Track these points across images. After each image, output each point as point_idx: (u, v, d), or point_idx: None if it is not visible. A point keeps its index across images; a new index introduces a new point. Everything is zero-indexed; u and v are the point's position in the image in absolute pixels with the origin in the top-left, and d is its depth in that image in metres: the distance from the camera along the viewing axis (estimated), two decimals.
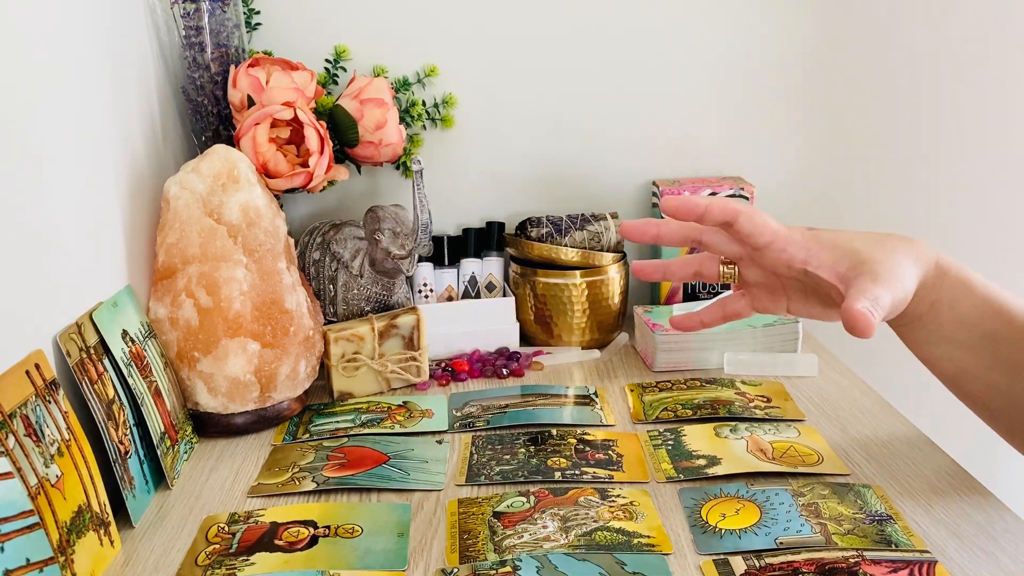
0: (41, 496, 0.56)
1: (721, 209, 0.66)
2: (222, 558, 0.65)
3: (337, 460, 0.79)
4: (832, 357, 1.02)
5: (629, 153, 1.16)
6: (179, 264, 0.82)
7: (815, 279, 0.67)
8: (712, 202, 0.67)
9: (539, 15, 1.11)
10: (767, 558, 0.62)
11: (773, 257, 0.68)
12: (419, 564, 0.64)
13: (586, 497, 0.72)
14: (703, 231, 0.71)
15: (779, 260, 0.68)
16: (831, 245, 0.66)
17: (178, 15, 0.96)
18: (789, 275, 0.69)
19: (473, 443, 0.83)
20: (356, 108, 0.99)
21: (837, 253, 0.66)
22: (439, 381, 0.98)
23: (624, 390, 0.94)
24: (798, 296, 0.71)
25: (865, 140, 1.19)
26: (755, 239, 0.67)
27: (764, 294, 0.71)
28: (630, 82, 1.14)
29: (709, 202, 0.67)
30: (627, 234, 0.71)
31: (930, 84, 1.17)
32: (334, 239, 1.00)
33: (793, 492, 0.71)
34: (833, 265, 0.65)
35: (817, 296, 0.70)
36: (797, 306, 0.71)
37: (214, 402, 0.83)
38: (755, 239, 0.67)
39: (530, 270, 1.06)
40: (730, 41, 1.14)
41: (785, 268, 0.68)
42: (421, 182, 0.91)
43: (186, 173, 0.85)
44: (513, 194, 1.16)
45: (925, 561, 0.62)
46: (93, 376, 0.69)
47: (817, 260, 0.66)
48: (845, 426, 0.84)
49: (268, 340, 0.83)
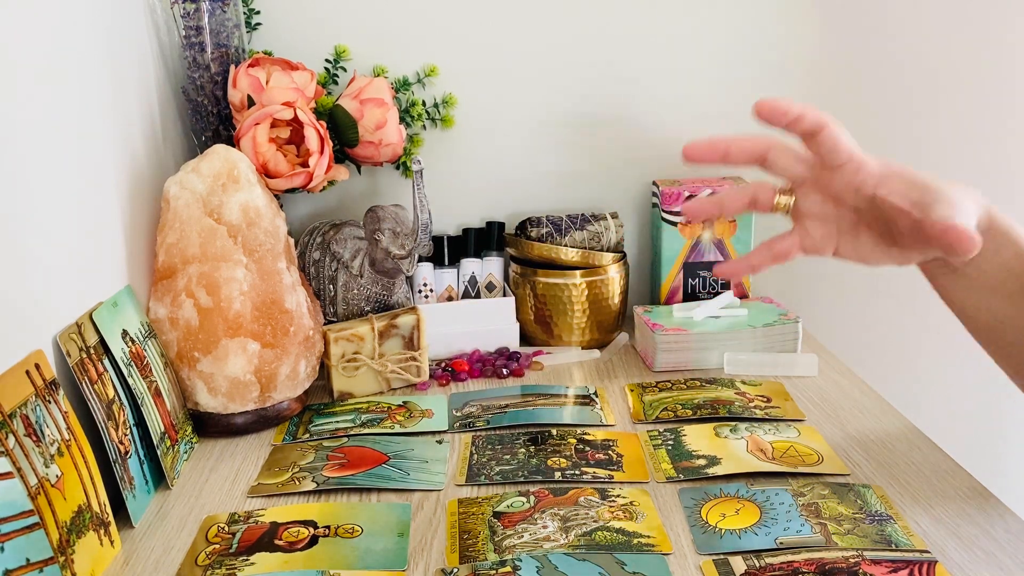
0: (41, 496, 0.56)
1: (814, 116, 0.66)
2: (222, 558, 0.65)
3: (337, 460, 0.79)
4: (832, 357, 1.02)
5: (629, 153, 1.16)
6: (179, 264, 0.82)
7: (882, 207, 0.66)
8: (805, 107, 0.66)
9: (539, 15, 1.11)
10: (767, 558, 0.62)
11: (844, 179, 0.67)
12: (419, 564, 0.64)
13: (586, 497, 0.72)
14: (772, 147, 0.69)
15: (850, 183, 0.67)
16: (901, 174, 0.66)
17: (178, 15, 0.96)
18: (851, 203, 0.68)
19: (473, 443, 0.83)
20: (356, 108, 0.99)
21: (908, 182, 0.66)
22: (439, 381, 0.98)
23: (624, 390, 0.94)
24: (850, 230, 0.69)
25: (865, 141, 1.18)
26: (834, 156, 0.67)
27: (817, 227, 0.70)
28: (630, 82, 1.14)
29: (803, 107, 0.66)
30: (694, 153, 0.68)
31: (931, 88, 1.17)
32: (334, 239, 1.00)
33: (793, 492, 0.71)
34: (906, 191, 0.65)
35: (871, 230, 0.69)
36: (847, 244, 0.70)
37: (214, 402, 0.83)
38: (834, 156, 0.67)
39: (530, 270, 1.06)
40: (730, 41, 1.14)
41: (852, 193, 0.67)
42: (421, 182, 0.91)
43: (186, 173, 0.85)
44: (513, 194, 1.16)
45: (925, 561, 0.62)
46: (93, 376, 0.69)
47: (890, 186, 0.66)
48: (845, 426, 0.84)
49: (268, 340, 0.83)
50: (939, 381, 1.22)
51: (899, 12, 1.15)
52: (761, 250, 0.72)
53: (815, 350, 1.03)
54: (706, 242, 1.11)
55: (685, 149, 0.68)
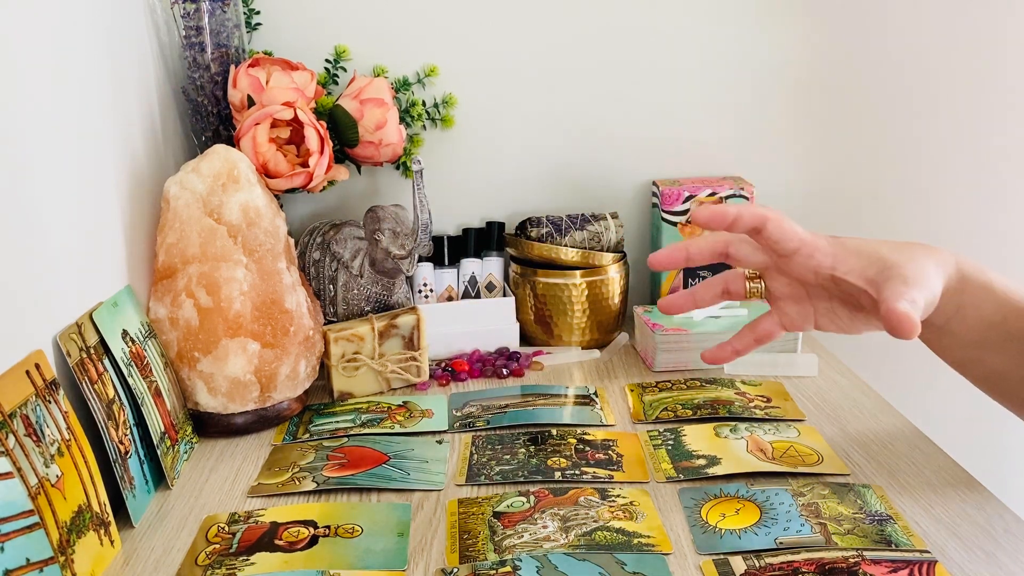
0: (41, 496, 0.56)
1: (751, 215, 0.67)
2: (222, 558, 0.65)
3: (337, 460, 0.79)
4: (832, 357, 1.02)
5: (629, 153, 1.16)
6: (179, 264, 0.82)
7: (843, 286, 0.67)
8: (741, 209, 0.67)
9: (539, 15, 1.11)
10: (767, 558, 0.62)
11: (801, 264, 0.68)
12: (419, 564, 0.64)
13: (586, 497, 0.72)
14: (730, 243, 0.71)
15: (807, 267, 0.68)
16: (857, 251, 0.67)
17: (178, 15, 0.96)
18: (815, 283, 0.69)
19: (473, 443, 0.83)
20: (356, 108, 0.99)
21: (864, 258, 0.66)
22: (439, 381, 0.98)
23: (624, 390, 0.94)
24: (824, 306, 0.70)
25: (865, 141, 1.19)
26: (783, 245, 0.67)
27: (791, 307, 0.71)
28: (630, 82, 1.14)
29: (739, 209, 0.67)
30: (659, 265, 0.70)
31: (930, 87, 1.17)
32: (334, 239, 1.00)
33: (793, 492, 0.71)
34: (862, 270, 0.66)
35: (844, 304, 0.70)
36: (825, 318, 0.71)
37: (214, 402, 0.83)
38: (783, 245, 0.67)
39: (530, 270, 1.06)
40: (730, 41, 1.14)
41: (812, 275, 0.68)
42: (421, 182, 0.91)
43: (186, 173, 0.85)
44: (513, 194, 1.16)
45: (925, 561, 0.62)
46: (93, 376, 0.69)
47: (845, 265, 0.66)
48: (845, 426, 0.84)
49: (268, 340, 0.83)
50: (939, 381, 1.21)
51: (899, 12, 1.15)
52: (744, 333, 0.73)
53: (815, 350, 1.03)
54: None
55: (650, 260, 0.69)
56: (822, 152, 1.19)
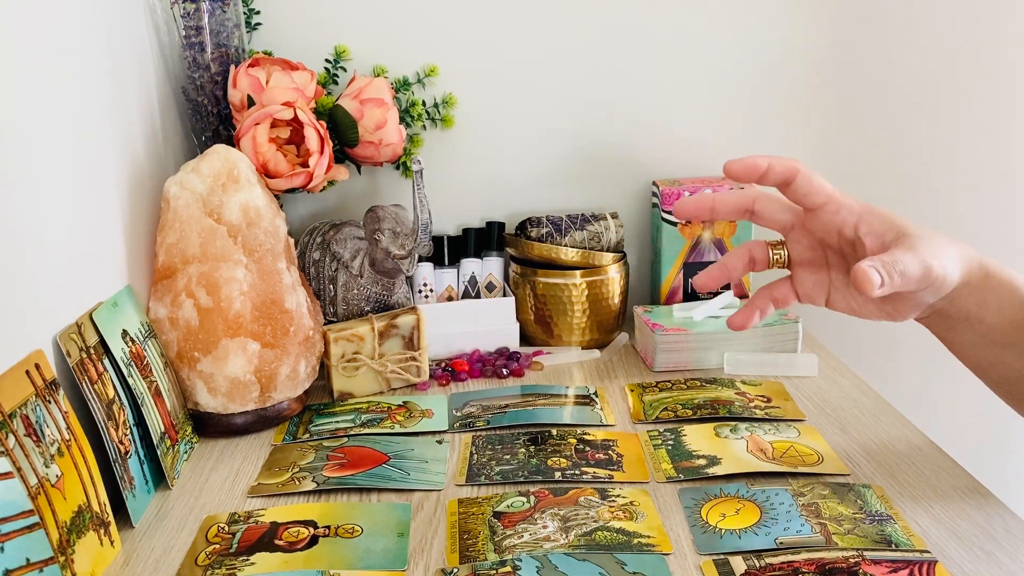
0: (41, 496, 0.56)
1: (783, 167, 0.67)
2: (222, 558, 0.65)
3: (337, 460, 0.79)
4: (832, 357, 1.02)
5: (629, 153, 1.16)
6: (179, 264, 0.82)
7: (860, 251, 0.67)
8: (773, 161, 0.67)
9: (539, 15, 1.11)
10: (767, 558, 0.62)
11: (825, 220, 0.68)
12: (419, 564, 0.64)
13: (586, 497, 0.72)
14: (756, 199, 0.71)
15: (831, 223, 0.68)
16: (882, 216, 0.67)
17: (178, 15, 0.96)
18: (836, 245, 0.69)
19: (473, 443, 0.83)
20: (356, 108, 0.99)
21: (887, 224, 0.66)
22: (439, 381, 0.98)
23: (624, 390, 0.94)
24: (841, 279, 0.70)
25: (866, 140, 1.19)
26: (811, 199, 0.68)
27: (808, 275, 0.71)
28: (630, 82, 1.14)
29: (770, 161, 0.67)
30: (684, 213, 0.70)
31: (933, 85, 1.17)
32: (334, 239, 1.00)
33: (793, 492, 0.71)
34: (882, 233, 0.66)
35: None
36: (838, 295, 0.71)
37: (214, 402, 0.83)
38: (811, 199, 0.68)
39: (530, 270, 1.06)
40: (731, 41, 1.14)
41: (835, 233, 0.68)
42: (421, 182, 0.91)
43: (186, 173, 0.85)
44: (513, 194, 1.16)
45: (925, 561, 0.62)
46: (93, 376, 0.69)
47: (868, 225, 0.67)
48: (845, 426, 0.84)
49: (268, 340, 0.83)
50: (939, 381, 1.22)
51: (900, 12, 1.15)
52: (762, 293, 0.73)
53: (815, 350, 1.03)
54: (706, 242, 1.11)
55: (675, 208, 0.70)
56: (822, 152, 1.19)
